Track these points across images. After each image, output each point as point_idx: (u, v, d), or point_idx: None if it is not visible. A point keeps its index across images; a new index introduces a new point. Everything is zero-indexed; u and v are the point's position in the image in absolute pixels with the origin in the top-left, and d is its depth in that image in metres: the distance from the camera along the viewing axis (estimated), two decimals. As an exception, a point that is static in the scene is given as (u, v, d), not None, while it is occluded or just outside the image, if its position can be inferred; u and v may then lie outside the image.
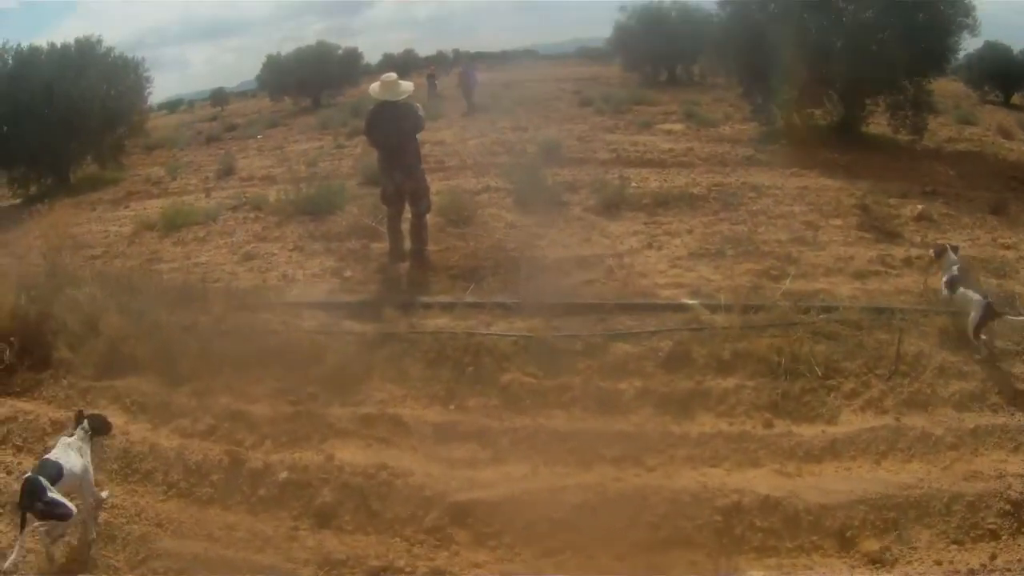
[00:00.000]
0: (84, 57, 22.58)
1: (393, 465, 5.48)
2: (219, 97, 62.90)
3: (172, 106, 58.48)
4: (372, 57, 47.96)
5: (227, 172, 18.46)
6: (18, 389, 7.67)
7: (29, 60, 21.80)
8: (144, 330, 7.43)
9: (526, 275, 8.16)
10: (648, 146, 16.62)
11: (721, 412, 5.92)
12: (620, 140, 17.64)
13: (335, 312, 7.79)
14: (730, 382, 6.14)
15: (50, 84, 21.16)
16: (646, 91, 29.53)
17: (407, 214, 8.86)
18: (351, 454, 5.73)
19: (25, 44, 22.05)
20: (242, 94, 64.80)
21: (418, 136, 8.75)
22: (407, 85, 8.69)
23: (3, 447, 7.06)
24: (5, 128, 21.02)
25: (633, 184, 11.80)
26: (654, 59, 37.38)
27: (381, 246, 9.51)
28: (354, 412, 6.17)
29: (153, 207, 15.21)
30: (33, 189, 21.12)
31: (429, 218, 9.03)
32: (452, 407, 6.16)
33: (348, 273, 9.06)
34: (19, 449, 6.93)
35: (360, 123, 23.80)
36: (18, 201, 20.44)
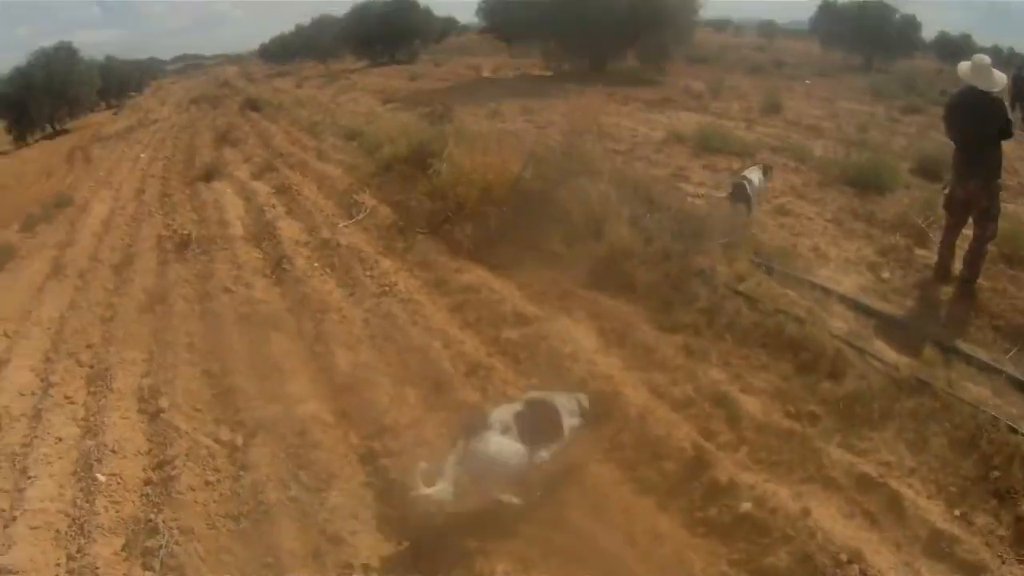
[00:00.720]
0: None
1: (870, 562, 4.39)
2: (767, 29, 65.58)
3: (719, 25, 61.58)
4: (927, 32, 46.05)
5: (772, 109, 17.99)
6: (493, 261, 7.66)
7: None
8: (651, 254, 6.91)
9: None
10: None
11: None
12: None
13: (865, 319, 6.76)
14: None
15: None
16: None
17: (967, 229, 7.67)
18: (830, 518, 4.72)
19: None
20: (790, 32, 66.64)
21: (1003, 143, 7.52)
22: (1000, 76, 7.42)
23: (453, 315, 7.05)
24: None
25: None
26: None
27: (925, 254, 8.36)
28: (852, 463, 5.10)
29: (688, 121, 15.14)
30: (566, 67, 22.77)
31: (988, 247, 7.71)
32: (958, 512, 4.86)
33: (886, 274, 8.03)
34: (467, 325, 6.84)
35: (916, 100, 23.03)
36: (548, 74, 22.13)
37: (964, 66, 7.41)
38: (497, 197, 8.26)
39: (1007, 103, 9.67)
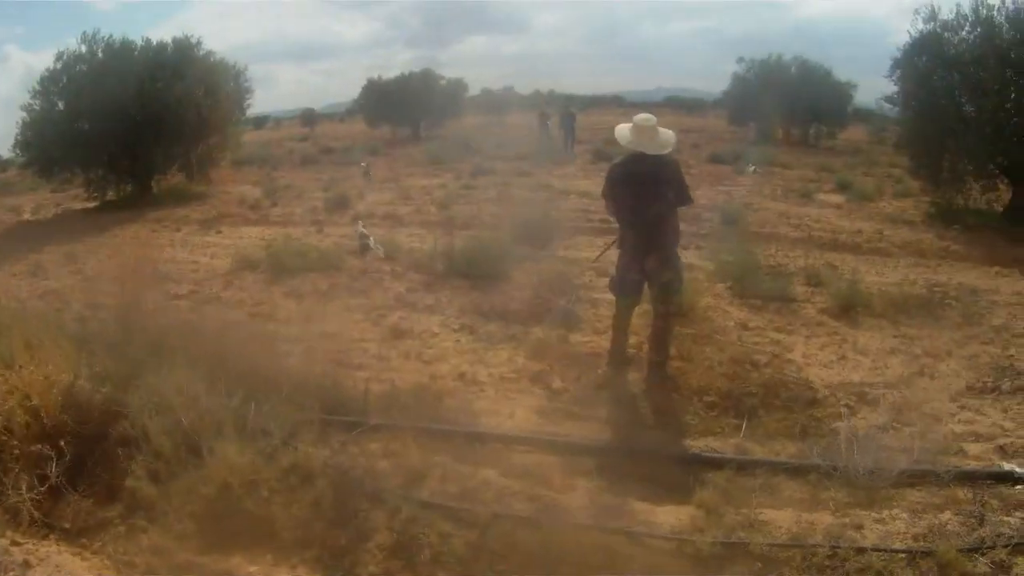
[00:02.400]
0: (182, 57, 21.94)
1: None
2: (309, 117, 66.30)
3: (259, 123, 60.93)
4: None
5: (339, 204, 17.24)
6: (68, 526, 5.00)
7: (121, 55, 21.12)
8: (283, 471, 4.78)
9: (848, 429, 5.93)
10: (826, 223, 15.70)
11: None
12: (793, 213, 16.79)
13: (566, 457, 5.45)
14: None
15: (143, 82, 20.46)
16: (774, 151, 30.24)
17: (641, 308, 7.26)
18: None
19: (118, 37, 21.56)
20: (330, 115, 68.23)
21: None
22: (669, 135, 6.60)
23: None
24: (87, 125, 20.22)
25: (846, 276, 10.56)
26: (770, 115, 38.63)
27: (583, 339, 7.81)
28: None
29: (252, 236, 13.95)
30: (111, 195, 20.64)
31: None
32: None
33: (557, 383, 6.92)
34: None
35: (481, 161, 23.62)
36: (93, 205, 19.88)
37: (623, 131, 6.52)
38: (51, 424, 5.56)
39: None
